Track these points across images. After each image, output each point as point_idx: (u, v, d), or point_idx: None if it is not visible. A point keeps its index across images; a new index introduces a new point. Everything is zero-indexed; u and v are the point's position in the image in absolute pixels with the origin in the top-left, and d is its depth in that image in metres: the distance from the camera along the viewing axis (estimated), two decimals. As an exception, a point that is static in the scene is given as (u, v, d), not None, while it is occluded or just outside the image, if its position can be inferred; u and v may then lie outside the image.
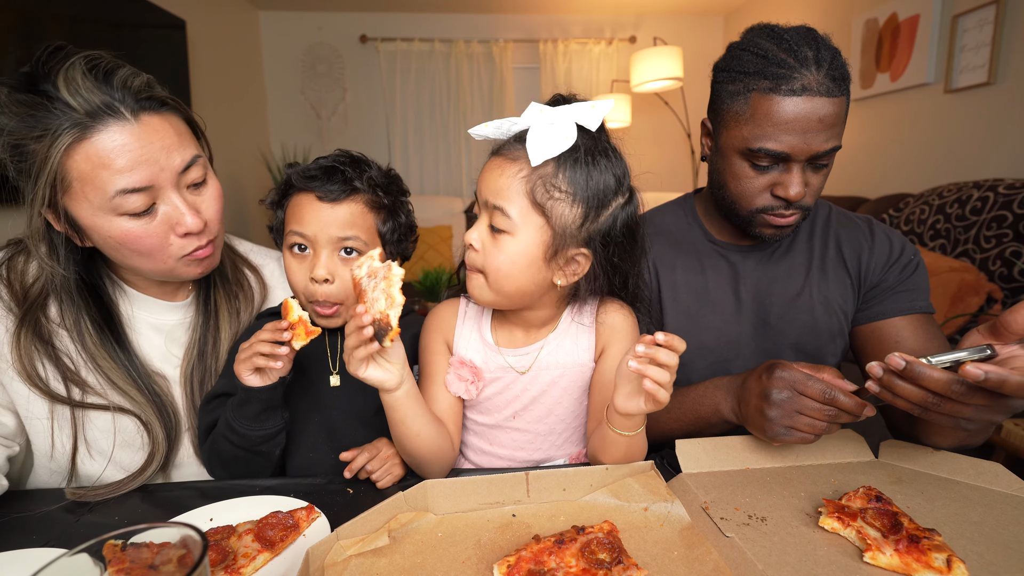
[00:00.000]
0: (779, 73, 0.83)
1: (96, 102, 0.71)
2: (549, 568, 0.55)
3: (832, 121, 0.83)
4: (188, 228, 0.79)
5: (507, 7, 4.34)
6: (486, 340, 0.86)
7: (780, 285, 1.01)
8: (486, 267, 0.76)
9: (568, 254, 0.75)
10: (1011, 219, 1.93)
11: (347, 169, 0.84)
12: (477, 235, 0.76)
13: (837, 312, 0.99)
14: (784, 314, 0.99)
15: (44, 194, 0.73)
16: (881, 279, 0.98)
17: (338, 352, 0.91)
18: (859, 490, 0.69)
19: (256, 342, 0.77)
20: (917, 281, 0.98)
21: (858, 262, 1.00)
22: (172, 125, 0.78)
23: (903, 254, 0.99)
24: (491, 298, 0.78)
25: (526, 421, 0.86)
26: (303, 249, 0.84)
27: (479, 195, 0.77)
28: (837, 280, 1.00)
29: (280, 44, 4.39)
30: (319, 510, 0.70)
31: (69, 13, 2.41)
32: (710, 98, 0.99)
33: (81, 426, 0.82)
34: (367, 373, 0.70)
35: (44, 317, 0.82)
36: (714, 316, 1.01)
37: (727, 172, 0.93)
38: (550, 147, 0.71)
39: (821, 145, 0.84)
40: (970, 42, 2.45)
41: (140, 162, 0.74)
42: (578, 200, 0.72)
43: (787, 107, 0.83)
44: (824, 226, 1.04)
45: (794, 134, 0.83)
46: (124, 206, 0.74)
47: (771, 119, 0.84)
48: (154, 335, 0.90)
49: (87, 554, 0.39)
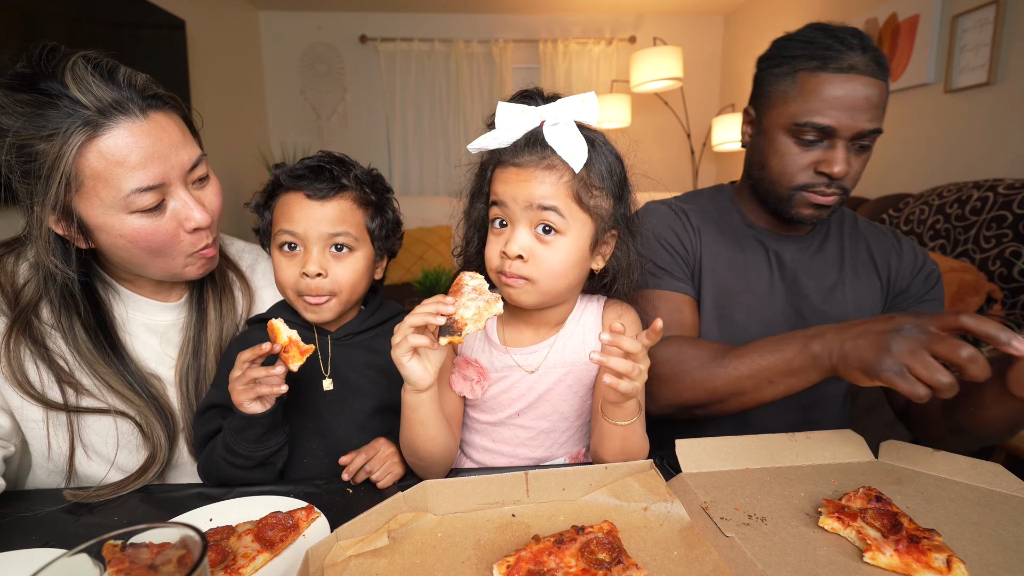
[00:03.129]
0: (826, 54, 0.87)
1: (107, 99, 0.71)
2: (549, 568, 0.55)
3: (876, 101, 0.86)
4: (198, 223, 0.80)
5: (507, 7, 4.34)
6: (492, 340, 0.87)
7: (815, 277, 1.02)
8: (537, 272, 0.75)
9: (603, 239, 0.81)
10: (1011, 219, 1.93)
11: (334, 168, 0.85)
12: (524, 243, 0.75)
13: (866, 313, 1.01)
14: (819, 307, 1.00)
15: (57, 194, 0.71)
16: (908, 286, 1.01)
17: (329, 356, 0.90)
18: (859, 490, 0.69)
19: (248, 371, 0.75)
20: (939, 292, 1.02)
21: (888, 266, 1.02)
22: (175, 123, 0.79)
23: (926, 264, 1.03)
24: (538, 299, 0.78)
25: (530, 418, 0.86)
26: (293, 247, 0.84)
27: (507, 201, 0.76)
28: (868, 282, 1.02)
29: (280, 44, 4.38)
30: (319, 510, 0.70)
31: (69, 13, 2.41)
32: (753, 88, 1.01)
33: (77, 429, 0.81)
34: (409, 363, 0.70)
35: (37, 319, 0.80)
36: (749, 295, 1.02)
37: (769, 151, 0.95)
38: (580, 151, 0.73)
39: (865, 124, 0.86)
40: (970, 42, 2.45)
41: (152, 159, 0.74)
42: (608, 191, 0.78)
43: (835, 83, 0.86)
44: (852, 229, 1.07)
45: (841, 110, 0.86)
46: (136, 203, 0.74)
47: (818, 94, 0.87)
48: (149, 337, 0.89)
49: (87, 554, 0.39)
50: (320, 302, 0.85)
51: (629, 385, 0.66)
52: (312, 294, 0.84)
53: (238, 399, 0.76)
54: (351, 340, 0.92)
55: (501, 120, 0.76)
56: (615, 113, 4.00)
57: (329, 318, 0.87)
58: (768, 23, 3.96)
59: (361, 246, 0.87)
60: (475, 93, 4.55)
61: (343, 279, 0.85)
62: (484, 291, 0.70)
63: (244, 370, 0.75)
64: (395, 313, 0.98)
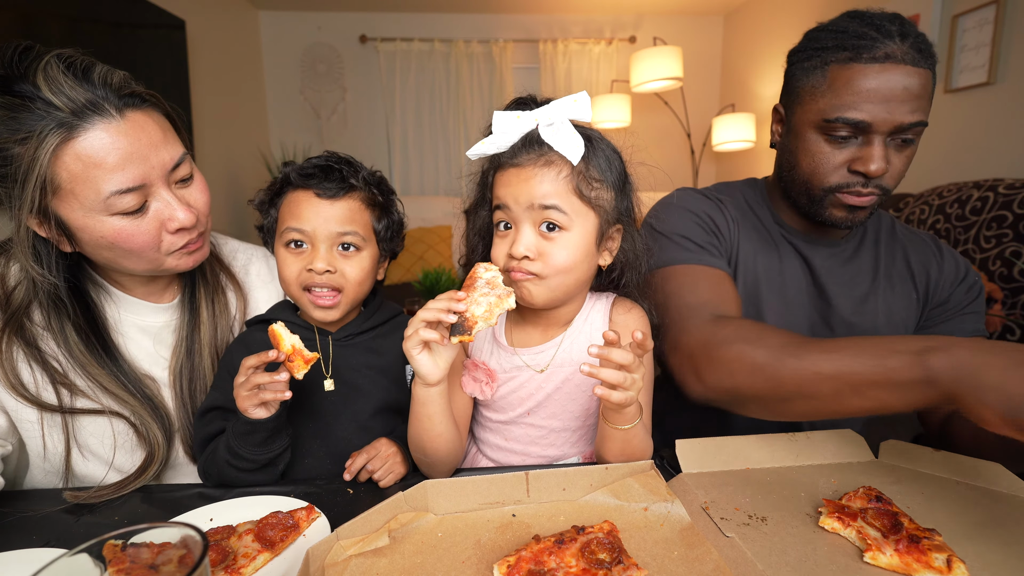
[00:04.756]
0: (859, 44, 0.80)
1: (81, 100, 0.69)
2: (549, 568, 0.55)
3: (918, 92, 0.79)
4: (181, 223, 0.79)
5: (507, 7, 4.34)
6: (500, 342, 0.87)
7: (847, 286, 0.96)
8: (545, 269, 0.76)
9: (609, 233, 0.81)
10: (1011, 219, 1.93)
11: (343, 167, 0.86)
12: (528, 244, 0.75)
13: (899, 326, 0.96)
14: (848, 318, 0.95)
15: (33, 198, 0.70)
16: (949, 297, 0.95)
17: (331, 357, 0.91)
18: (859, 490, 0.69)
19: (252, 376, 0.74)
20: (980, 304, 0.96)
21: (927, 276, 0.97)
22: (155, 121, 0.77)
23: (968, 275, 0.96)
24: (547, 297, 0.79)
25: (540, 417, 0.87)
26: (300, 245, 0.84)
27: (510, 204, 0.76)
28: (903, 293, 0.97)
29: (280, 44, 4.38)
30: (319, 510, 0.70)
31: (69, 13, 2.41)
32: (783, 84, 0.95)
33: (72, 429, 0.81)
34: (419, 356, 0.70)
35: (29, 320, 0.80)
36: (780, 300, 0.96)
37: (800, 150, 0.89)
38: (576, 145, 0.74)
39: (905, 116, 0.79)
40: (970, 42, 2.45)
41: (130, 160, 0.72)
42: (609, 184, 0.79)
43: (868, 74, 0.79)
44: (889, 235, 1.00)
45: (876, 103, 0.79)
46: (117, 205, 0.73)
47: (850, 87, 0.80)
48: (142, 338, 0.89)
49: (87, 554, 0.39)
50: (330, 302, 0.85)
51: (622, 395, 0.66)
52: (319, 286, 0.84)
53: (243, 405, 0.76)
54: (352, 341, 0.92)
55: (498, 127, 0.77)
56: (615, 113, 3.99)
57: (337, 317, 0.87)
58: (768, 23, 3.96)
59: (367, 246, 0.88)
60: (475, 93, 4.54)
61: (351, 276, 0.86)
62: (498, 284, 0.71)
63: (248, 376, 0.75)
64: (395, 314, 0.99)
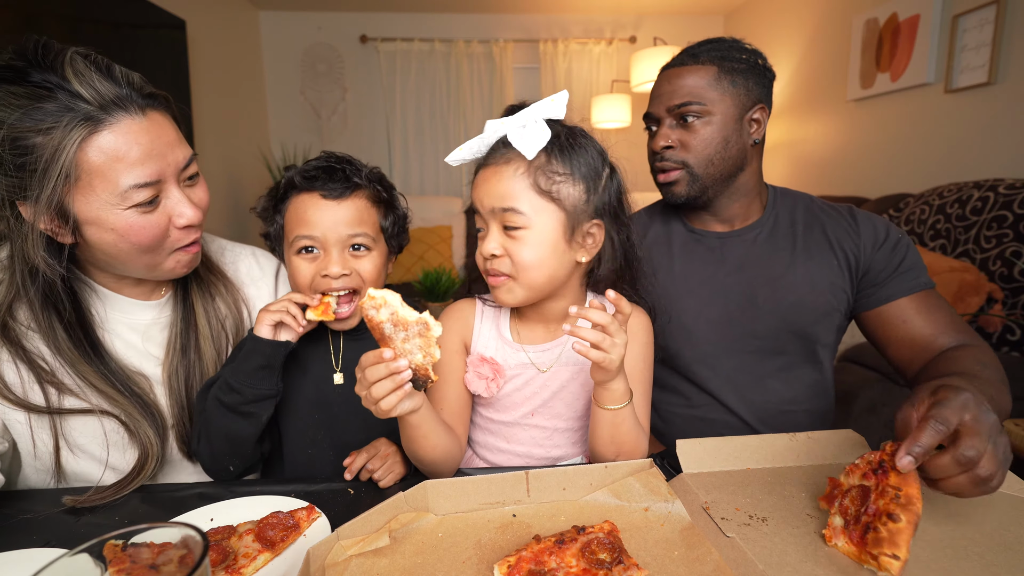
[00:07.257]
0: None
1: (109, 95, 0.71)
2: (549, 568, 0.55)
3: (689, 83, 1.00)
4: (189, 220, 0.80)
5: (507, 7, 4.34)
6: (505, 338, 0.87)
7: (765, 266, 1.03)
8: (514, 267, 0.77)
9: (584, 229, 0.79)
10: (1011, 219, 1.93)
11: (344, 167, 0.86)
12: (494, 244, 0.77)
13: (826, 291, 1.00)
14: (771, 294, 1.01)
15: (55, 188, 0.70)
16: (872, 262, 0.99)
17: (341, 351, 0.92)
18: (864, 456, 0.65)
19: (286, 301, 0.83)
20: (911, 260, 0.99)
21: (843, 246, 1.01)
22: (169, 122, 0.80)
23: (889, 235, 1.00)
24: (523, 295, 0.79)
25: (545, 417, 0.87)
26: (311, 251, 0.85)
27: (479, 207, 0.79)
28: (823, 261, 1.02)
29: (280, 44, 4.38)
30: (319, 510, 0.70)
31: (69, 13, 2.41)
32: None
33: (60, 428, 0.81)
34: (401, 408, 0.67)
35: (12, 319, 0.79)
36: (691, 298, 1.04)
37: None
38: (536, 141, 0.74)
39: (672, 100, 1.01)
40: (970, 42, 2.45)
41: (150, 156, 0.74)
42: (577, 177, 0.77)
43: (659, 80, 1.03)
44: (807, 212, 1.07)
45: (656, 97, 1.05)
46: (133, 199, 0.74)
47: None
48: (130, 335, 0.88)
49: (88, 554, 0.39)
50: (347, 314, 0.87)
51: (599, 355, 0.68)
52: (335, 290, 0.86)
53: (259, 321, 0.82)
54: (362, 336, 0.94)
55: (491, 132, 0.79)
56: (615, 113, 3.99)
57: (355, 324, 0.90)
58: (768, 23, 3.95)
59: (377, 245, 0.89)
60: (475, 93, 4.54)
61: (366, 275, 0.87)
62: (406, 322, 0.64)
63: (284, 304, 0.83)
64: None
